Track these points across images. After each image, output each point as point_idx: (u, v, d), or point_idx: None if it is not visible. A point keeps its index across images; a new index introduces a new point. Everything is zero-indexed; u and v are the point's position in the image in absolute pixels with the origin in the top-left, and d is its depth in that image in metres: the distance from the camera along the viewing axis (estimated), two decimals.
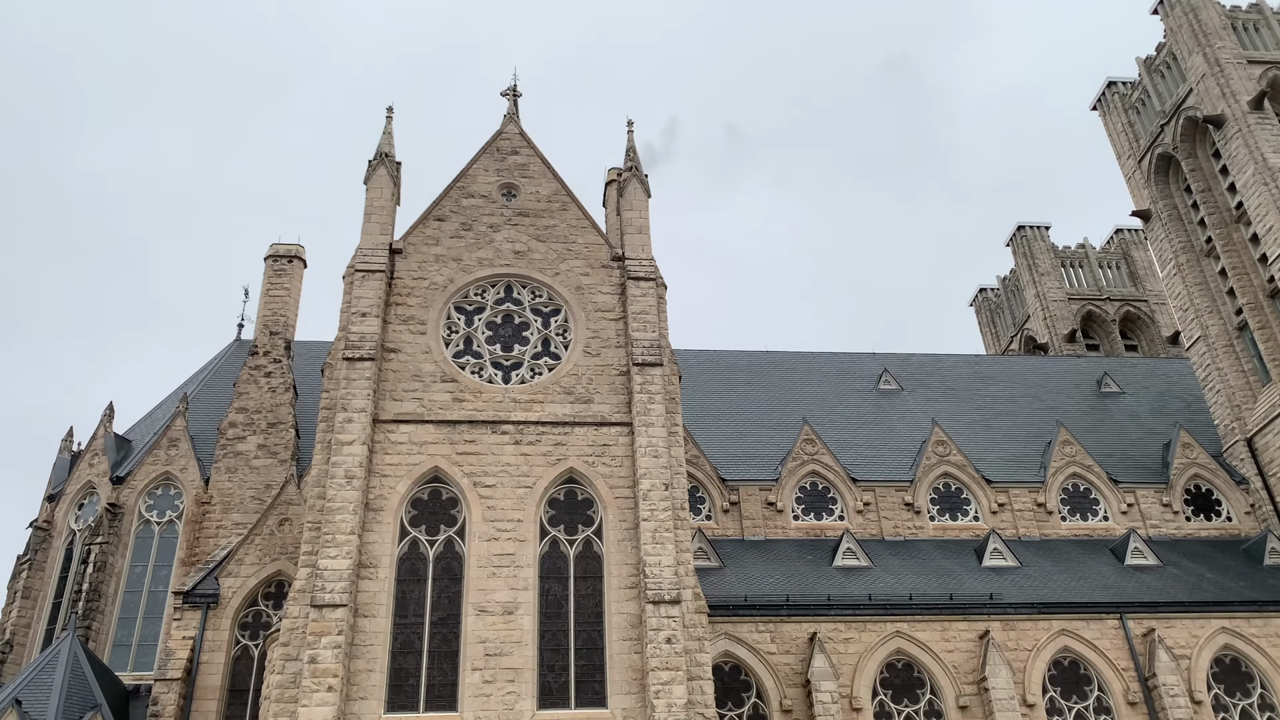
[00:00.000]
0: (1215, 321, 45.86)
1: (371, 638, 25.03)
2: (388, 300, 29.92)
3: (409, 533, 26.85)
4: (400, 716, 24.26)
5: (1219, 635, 33.40)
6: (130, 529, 35.49)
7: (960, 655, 32.08)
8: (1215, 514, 42.21)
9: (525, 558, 26.60)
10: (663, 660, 24.84)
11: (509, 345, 30.19)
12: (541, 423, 28.59)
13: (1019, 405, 48.20)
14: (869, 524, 40.14)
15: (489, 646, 25.27)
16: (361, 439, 26.91)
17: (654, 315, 30.66)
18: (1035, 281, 65.79)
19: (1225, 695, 32.79)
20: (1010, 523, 40.68)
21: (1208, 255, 47.10)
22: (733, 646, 31.49)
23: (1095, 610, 33.37)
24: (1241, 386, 44.36)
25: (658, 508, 27.11)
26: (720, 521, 39.45)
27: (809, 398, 47.37)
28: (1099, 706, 32.12)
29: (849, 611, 32.38)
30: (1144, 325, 65.24)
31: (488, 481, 27.51)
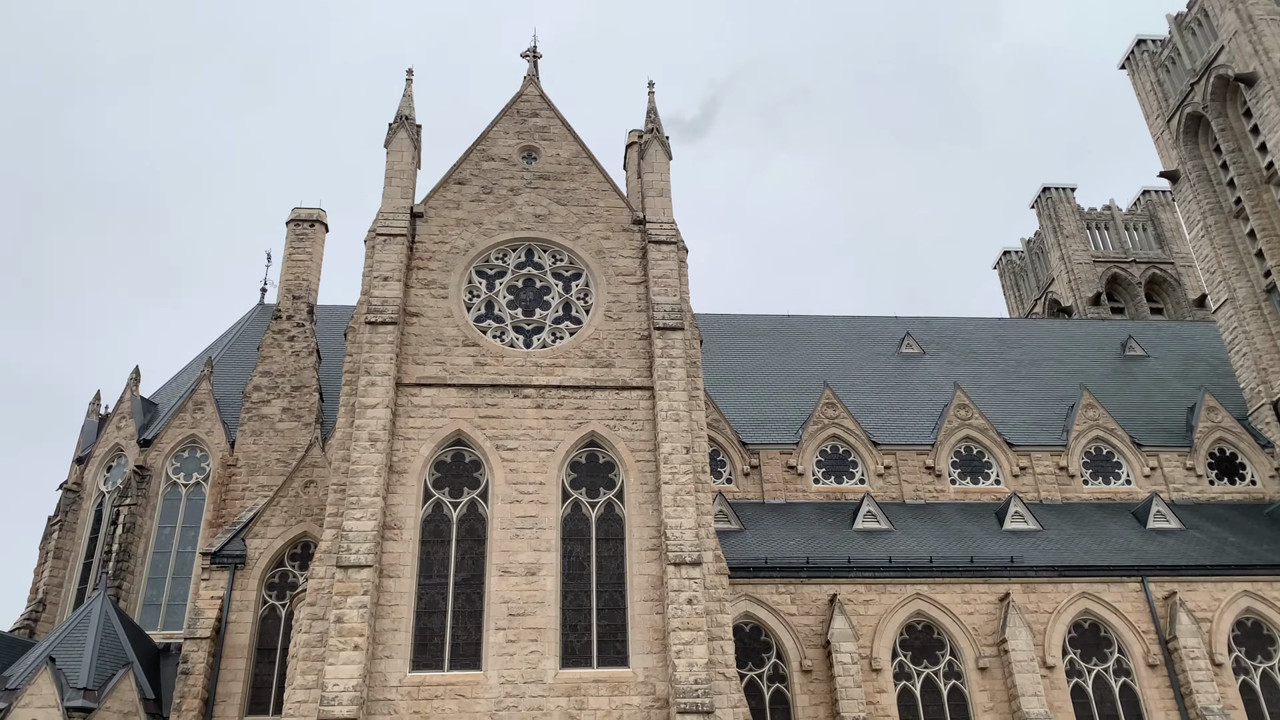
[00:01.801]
0: (1243, 284, 45.29)
1: (396, 598, 25.37)
2: (409, 264, 29.98)
3: (432, 495, 27.10)
4: (425, 675, 24.64)
5: (1241, 598, 33.35)
6: (158, 491, 36.03)
7: (980, 617, 32.19)
8: (1239, 477, 41.97)
9: (548, 520, 26.82)
10: (684, 621, 25.06)
11: (530, 309, 30.24)
12: (563, 386, 28.68)
13: (1042, 369, 47.92)
14: (889, 487, 40.18)
15: (512, 607, 25.56)
16: (385, 402, 27.11)
17: (675, 279, 30.59)
18: (1060, 244, 65.13)
19: (1246, 658, 32.79)
20: (1032, 486, 40.61)
21: (1237, 217, 46.42)
22: (753, 608, 31.73)
23: (1116, 573, 33.36)
24: (1268, 349, 43.88)
25: (679, 471, 27.22)
26: (741, 485, 39.59)
27: (830, 361, 47.27)
28: (1119, 669, 32.21)
29: (869, 574, 32.52)
30: (1170, 288, 64.54)
31: (510, 445, 27.68)
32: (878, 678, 30.94)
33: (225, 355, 42.23)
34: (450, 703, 24.23)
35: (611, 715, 24.47)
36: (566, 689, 24.69)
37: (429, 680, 24.52)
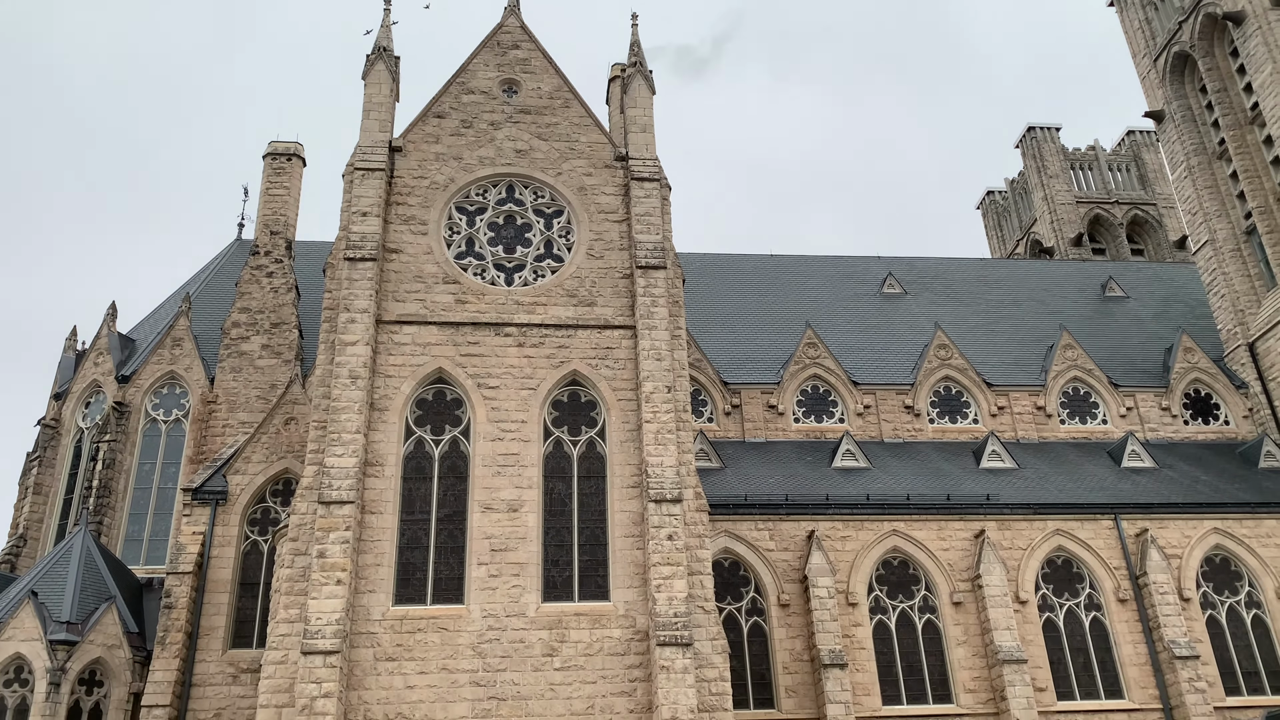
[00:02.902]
0: (1224, 225, 45.42)
1: (379, 534, 25.53)
2: (388, 200, 29.61)
3: (414, 432, 27.12)
4: (408, 608, 24.90)
5: (1210, 535, 34.02)
6: (137, 427, 35.90)
7: (955, 554, 32.74)
8: (1213, 418, 42.54)
9: (529, 458, 26.93)
10: (664, 556, 25.37)
11: (511, 247, 30.00)
12: (545, 325, 28.60)
13: (1022, 309, 48.14)
14: (869, 426, 40.52)
15: (494, 542, 25.78)
16: (365, 339, 26.97)
17: (658, 217, 30.37)
18: (1043, 184, 64.99)
19: (1214, 593, 33.56)
20: (1009, 425, 41.05)
21: (1220, 158, 46.37)
22: (732, 544, 32.14)
23: (1090, 511, 33.92)
24: (1246, 291, 44.19)
25: (660, 410, 27.32)
26: (722, 424, 39.81)
27: (812, 301, 47.31)
28: (1090, 603, 32.92)
29: (847, 511, 32.95)
30: (1151, 229, 64.69)
31: (491, 383, 27.66)
32: (854, 611, 31.52)
33: (203, 291, 41.81)
34: (433, 635, 24.54)
35: (592, 647, 24.87)
36: (548, 622, 25.03)
37: (411, 614, 24.80)
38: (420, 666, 24.22)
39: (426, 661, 24.29)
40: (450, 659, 24.36)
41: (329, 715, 22.57)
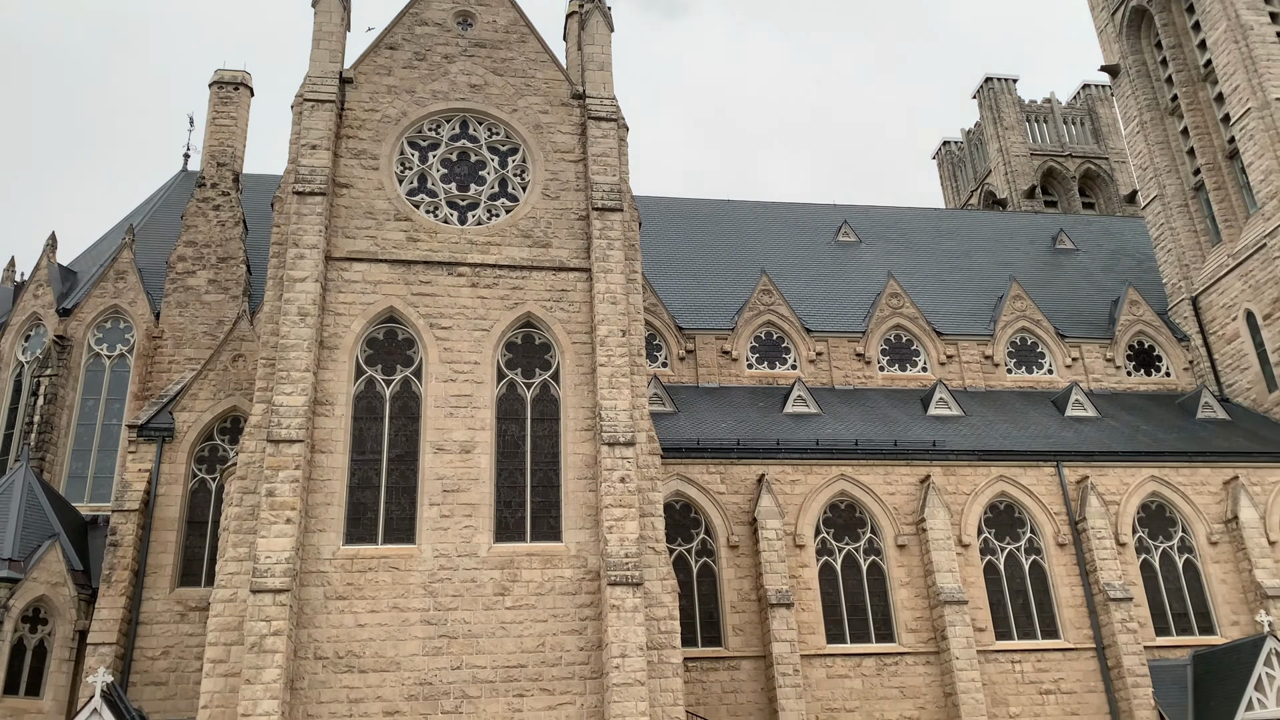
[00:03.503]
0: (1173, 181, 46.07)
1: (329, 473, 25.34)
2: (338, 133, 28.91)
3: (365, 371, 26.83)
4: (359, 548, 24.84)
5: (1148, 483, 35.01)
6: (80, 362, 35.10)
7: (901, 498, 33.36)
8: (1155, 369, 43.55)
9: (482, 399, 26.81)
10: (616, 498, 25.52)
11: (465, 184, 29.50)
12: (499, 266, 28.29)
13: (974, 260, 48.64)
14: (820, 373, 40.92)
15: (446, 483, 25.73)
16: (314, 276, 26.49)
17: (615, 158, 30.03)
18: (999, 135, 65.30)
19: (1149, 538, 34.63)
20: (958, 374, 41.70)
21: (1172, 114, 46.88)
22: (684, 486, 32.44)
23: (1033, 458, 34.68)
24: (1192, 246, 45.02)
25: (615, 353, 27.27)
26: (676, 369, 39.95)
27: (768, 248, 47.37)
28: (1030, 547, 33.81)
29: (796, 455, 33.35)
30: (1103, 183, 65.44)
31: (444, 323, 27.38)
32: (801, 553, 32.08)
33: (147, 223, 40.72)
34: (384, 575, 24.54)
35: (544, 587, 25.06)
36: (500, 562, 25.14)
37: (362, 553, 24.75)
38: (371, 605, 24.24)
39: (377, 600, 24.31)
40: (401, 598, 24.40)
41: (279, 653, 22.55)
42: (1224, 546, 34.52)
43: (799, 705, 29.35)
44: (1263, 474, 35.59)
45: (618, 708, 23.27)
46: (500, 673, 24.07)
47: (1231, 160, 43.81)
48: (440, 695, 23.66)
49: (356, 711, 23.26)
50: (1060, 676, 31.89)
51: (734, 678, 30.39)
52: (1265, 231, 40.34)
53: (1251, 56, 41.69)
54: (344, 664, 23.62)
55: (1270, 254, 40.04)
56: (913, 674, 31.21)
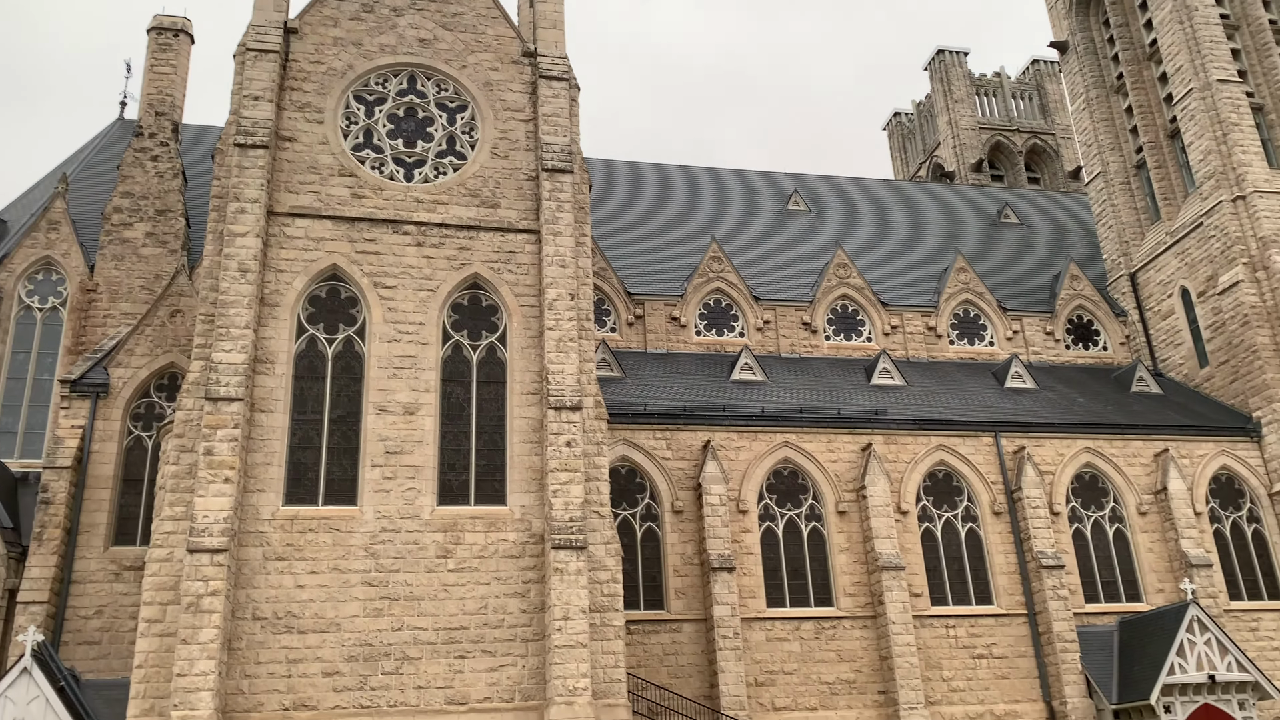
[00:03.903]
0: (1116, 158, 46.84)
1: (269, 432, 24.94)
2: (282, 85, 28.15)
3: (307, 330, 26.36)
4: (299, 508, 24.54)
5: (1082, 454, 35.86)
6: (10, 314, 34.01)
7: (843, 465, 33.79)
8: (1093, 343, 44.50)
9: (427, 360, 26.52)
10: (562, 462, 25.49)
11: (412, 141, 28.95)
12: (445, 225, 27.88)
13: (921, 231, 49.11)
14: (768, 341, 41.16)
15: (389, 445, 25.47)
16: (255, 231, 25.88)
17: (566, 119, 29.67)
18: (949, 108, 65.74)
19: (1081, 508, 35.53)
20: (901, 344, 42.21)
21: (1117, 92, 47.55)
22: (630, 451, 32.52)
23: (972, 428, 35.30)
24: (1132, 223, 45.90)
25: (563, 317, 27.12)
26: (624, 334, 39.89)
27: (718, 215, 47.34)
28: (966, 515, 34.51)
29: (742, 422, 33.58)
30: (1049, 158, 66.31)
31: (389, 283, 26.97)
32: (744, 518, 32.41)
33: (82, 172, 39.41)
34: (324, 536, 24.30)
35: (487, 550, 25.01)
36: (443, 524, 25.02)
37: (302, 514, 24.46)
38: (311, 566, 24.01)
39: (318, 561, 24.09)
40: (342, 559, 24.20)
41: (216, 613, 22.27)
42: (1152, 517, 35.56)
43: (738, 667, 29.77)
44: (1191, 447, 36.66)
45: (559, 669, 23.39)
46: (442, 634, 24.04)
47: (1173, 140, 44.62)
48: (381, 656, 23.58)
49: (295, 672, 23.10)
50: (993, 641, 32.71)
51: (675, 640, 30.72)
52: (1202, 211, 41.24)
53: (1195, 38, 42.35)
54: (283, 625, 23.41)
55: (1206, 233, 40.97)
56: (850, 638, 31.80)
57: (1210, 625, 30.73)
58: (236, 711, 22.55)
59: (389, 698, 23.28)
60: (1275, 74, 42.96)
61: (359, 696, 23.17)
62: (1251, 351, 38.13)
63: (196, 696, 21.61)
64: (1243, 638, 34.07)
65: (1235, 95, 41.38)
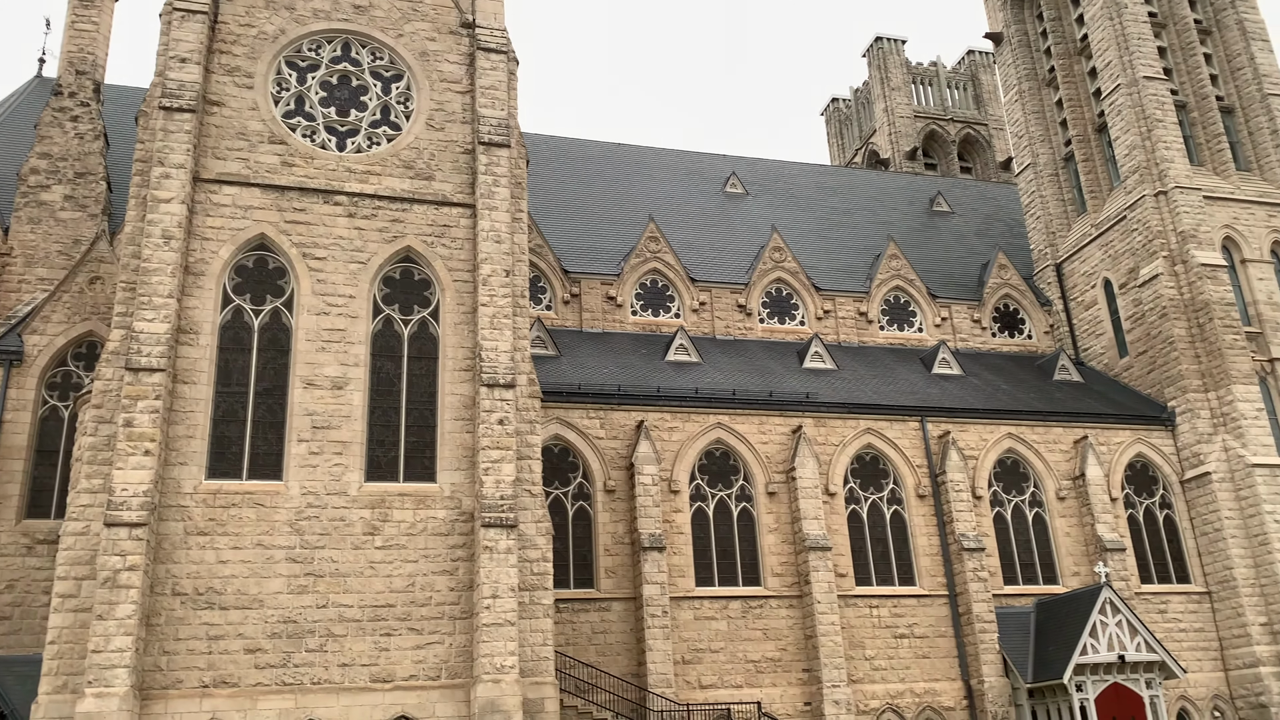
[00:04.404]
0: (1046, 150, 47.85)
1: (192, 404, 24.33)
2: (211, 47, 27.29)
3: (233, 300, 25.72)
4: (222, 483, 24.01)
5: (1005, 440, 36.73)
6: None
7: (774, 447, 34.15)
8: (1019, 332, 45.54)
9: (357, 334, 26.08)
10: (494, 440, 25.31)
11: (345, 110, 28.32)
12: (378, 196, 27.38)
13: (855, 217, 49.66)
14: (703, 323, 41.32)
15: (317, 419, 25.03)
16: (180, 197, 25.12)
17: (504, 92, 29.28)
18: (885, 96, 66.47)
19: (1003, 492, 36.43)
20: (833, 329, 42.72)
21: (1049, 85, 48.51)
22: (563, 430, 32.44)
23: (899, 412, 35.92)
24: (1059, 215, 46.98)
25: (497, 293, 26.86)
26: (560, 312, 39.70)
27: (657, 195, 47.28)
28: (892, 498, 35.15)
29: (676, 403, 33.70)
30: (981, 148, 67.48)
31: (318, 254, 26.42)
32: (675, 498, 32.59)
33: None
34: (248, 511, 23.82)
35: (415, 527, 24.76)
36: (370, 501, 24.70)
37: (226, 488, 23.94)
38: (234, 541, 23.54)
39: (241, 537, 23.62)
40: (266, 535, 23.76)
41: (134, 588, 21.72)
42: (1070, 502, 36.61)
43: (666, 645, 30.00)
44: (1109, 434, 37.79)
45: (487, 647, 23.31)
46: (368, 612, 23.78)
47: (1100, 134, 45.71)
48: (305, 634, 23.25)
49: (216, 649, 22.67)
50: (915, 621, 33.44)
51: (604, 619, 30.82)
52: (1126, 204, 42.36)
53: (1124, 34, 43.36)
54: (204, 600, 22.94)
55: (1129, 226, 42.10)
56: (776, 616, 32.24)
57: (1122, 607, 31.79)
58: (154, 689, 22.07)
59: (312, 675, 22.98)
60: (1198, 73, 44.24)
61: (282, 673, 22.83)
62: (1168, 343, 39.36)
63: (112, 673, 21.08)
64: (1152, 619, 35.34)
65: (1160, 92, 42.51)
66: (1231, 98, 44.51)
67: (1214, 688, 35.21)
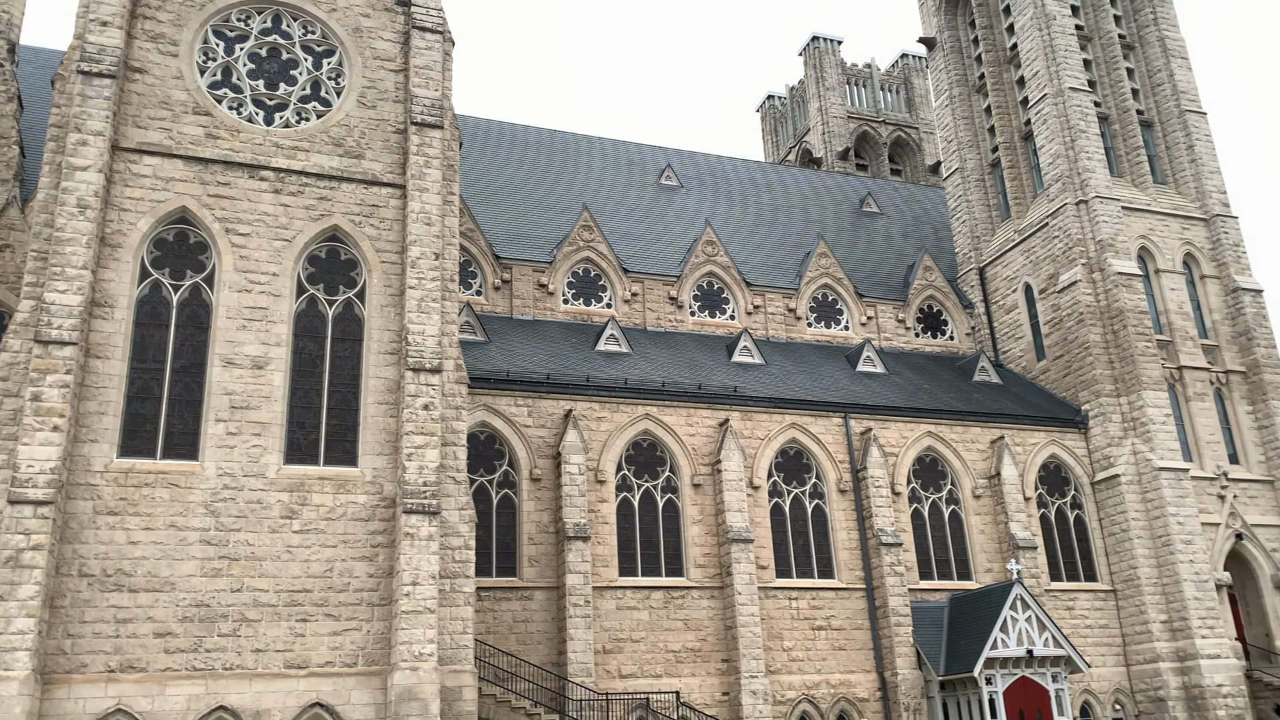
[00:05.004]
0: (973, 156, 48.89)
1: (105, 380, 23.53)
2: (134, 11, 26.34)
3: (151, 274, 24.92)
4: (135, 461, 23.29)
5: (924, 438, 37.49)
6: None
7: (701, 439, 34.35)
8: (941, 333, 46.49)
9: (280, 313, 25.49)
10: (418, 425, 24.97)
11: (274, 83, 27.62)
12: (306, 173, 26.76)
13: (787, 215, 50.15)
14: (634, 313, 41.35)
15: (235, 399, 24.42)
16: (98, 166, 24.23)
17: (438, 72, 28.85)
18: (820, 95, 67.18)
19: (921, 489, 37.19)
20: (762, 324, 43.11)
21: (979, 91, 49.54)
22: (490, 417, 32.19)
23: (824, 408, 36.42)
24: (984, 219, 48.06)
25: (426, 276, 26.48)
26: (490, 298, 39.36)
27: (592, 184, 47.13)
28: (814, 492, 35.63)
29: (605, 393, 33.68)
30: (911, 151, 68.63)
31: (242, 230, 25.75)
32: (601, 488, 32.58)
33: None
34: (162, 491, 23.15)
35: (335, 512, 24.33)
36: (289, 484, 24.20)
37: (139, 467, 23.23)
38: (146, 522, 22.86)
39: (153, 517, 22.95)
40: (180, 516, 23.13)
41: (38, 569, 20.96)
42: (986, 500, 37.54)
43: (588, 635, 30.00)
44: (1025, 435, 38.82)
45: (406, 635, 23.02)
46: (284, 597, 23.31)
47: (1026, 141, 46.85)
48: (218, 618, 22.70)
49: (124, 632, 22.01)
50: (832, 613, 33.98)
51: (526, 607, 30.71)
52: (1049, 211, 43.49)
53: (1053, 45, 44.46)
54: (112, 582, 22.24)
55: (1051, 233, 43.25)
56: (698, 607, 32.47)
57: (1031, 604, 32.72)
58: (57, 673, 21.35)
59: (225, 660, 22.46)
60: (1121, 87, 45.59)
61: (192, 658, 22.26)
62: (1084, 348, 40.55)
63: (13, 656, 20.33)
64: (1060, 616, 36.45)
65: (1084, 104, 43.71)
66: (1151, 112, 45.98)
67: (1116, 682, 36.48)
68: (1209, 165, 44.48)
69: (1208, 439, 39.94)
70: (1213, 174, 44.41)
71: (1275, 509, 39.72)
